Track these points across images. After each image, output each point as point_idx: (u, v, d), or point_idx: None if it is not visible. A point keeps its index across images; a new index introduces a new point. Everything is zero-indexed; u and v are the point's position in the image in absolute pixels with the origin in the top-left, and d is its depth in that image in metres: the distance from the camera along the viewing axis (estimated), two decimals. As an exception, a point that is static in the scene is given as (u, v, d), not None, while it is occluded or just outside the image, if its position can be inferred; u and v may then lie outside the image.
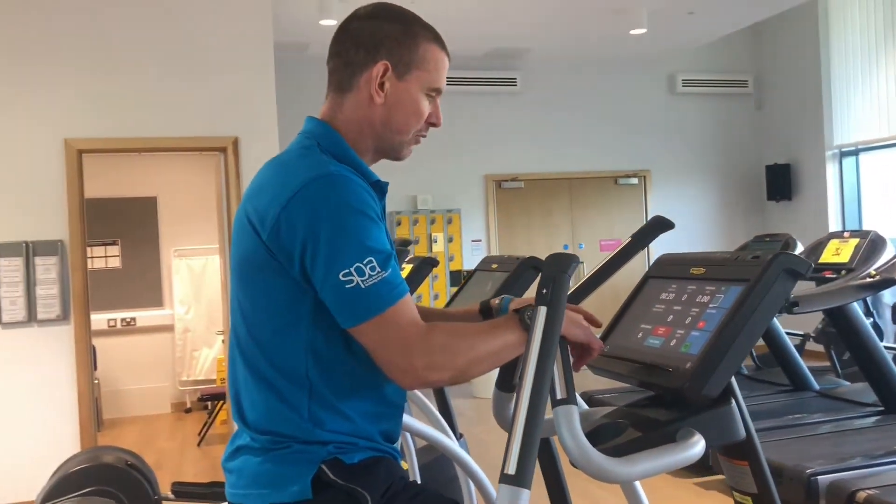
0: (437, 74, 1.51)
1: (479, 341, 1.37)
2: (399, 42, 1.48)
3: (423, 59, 1.49)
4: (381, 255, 1.32)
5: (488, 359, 1.38)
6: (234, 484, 1.44)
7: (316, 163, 1.39)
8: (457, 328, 1.39)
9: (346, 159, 1.45)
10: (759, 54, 9.22)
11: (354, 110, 1.49)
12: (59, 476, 3.68)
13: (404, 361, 1.31)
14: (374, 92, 1.47)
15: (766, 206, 9.12)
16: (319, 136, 1.48)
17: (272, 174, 1.44)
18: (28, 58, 5.00)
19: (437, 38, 1.53)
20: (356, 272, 1.30)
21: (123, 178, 7.60)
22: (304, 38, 7.19)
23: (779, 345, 5.37)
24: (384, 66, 1.47)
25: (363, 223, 1.33)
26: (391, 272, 1.33)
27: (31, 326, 4.94)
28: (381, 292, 1.31)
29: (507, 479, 1.07)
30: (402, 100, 1.48)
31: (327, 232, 1.31)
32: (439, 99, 1.55)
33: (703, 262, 1.55)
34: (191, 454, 6.14)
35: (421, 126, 1.53)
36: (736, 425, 1.41)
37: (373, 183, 1.47)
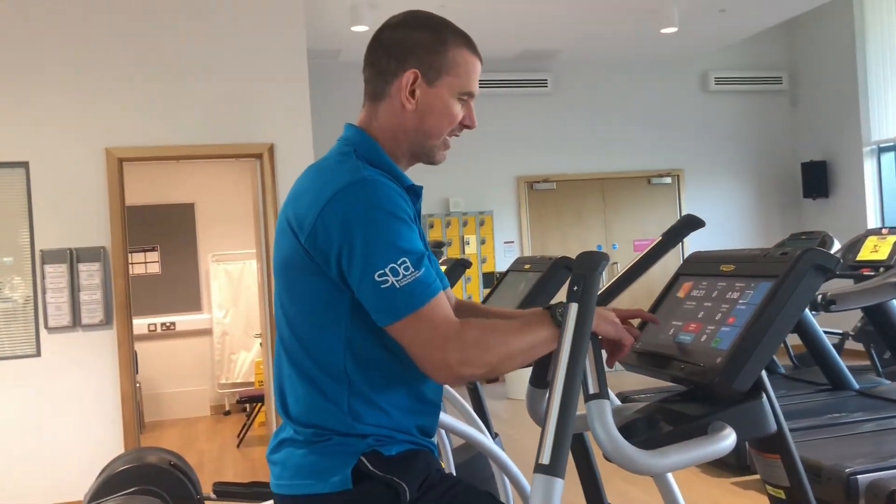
0: (468, 78, 1.54)
1: (511, 337, 1.41)
2: (428, 49, 1.51)
3: (453, 63, 1.52)
4: (414, 256, 1.37)
5: (520, 354, 1.42)
6: (279, 475, 1.50)
7: (351, 168, 1.44)
8: (490, 324, 1.43)
9: (381, 165, 1.50)
10: (793, 50, 9.12)
11: (388, 118, 1.54)
12: (105, 476, 3.78)
13: (439, 357, 1.36)
14: (405, 99, 1.52)
15: (803, 204, 9.02)
16: (356, 142, 1.53)
17: (311, 180, 1.50)
18: (70, 70, 5.14)
19: (468, 42, 1.55)
20: (391, 272, 1.35)
21: (162, 185, 7.75)
22: (336, 44, 7.29)
23: (817, 344, 5.32)
24: (413, 75, 1.51)
25: (396, 226, 1.38)
26: (424, 271, 1.37)
27: (75, 331, 5.07)
28: (415, 291, 1.35)
29: (542, 468, 1.10)
30: (433, 105, 1.52)
31: (362, 235, 1.36)
32: (473, 101, 1.57)
33: (732, 259, 1.57)
34: (230, 455, 6.25)
35: (454, 128, 1.57)
36: (767, 419, 1.43)
37: (407, 187, 1.52)
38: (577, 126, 8.63)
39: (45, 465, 4.96)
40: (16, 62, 5.06)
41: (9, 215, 5.06)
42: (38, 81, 5.09)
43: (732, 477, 4.54)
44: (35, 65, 5.09)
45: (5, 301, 5.06)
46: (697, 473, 4.68)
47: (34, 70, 5.09)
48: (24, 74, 5.07)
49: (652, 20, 7.17)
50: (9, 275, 5.08)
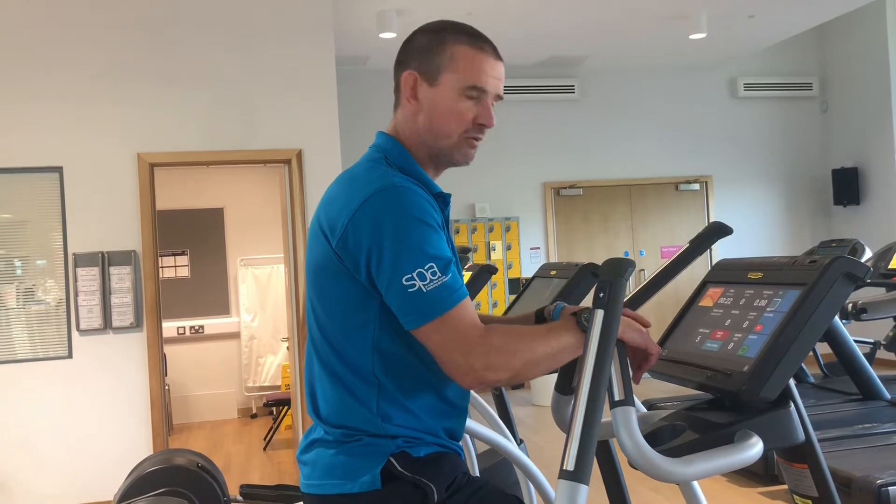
0: (470, 72, 1.51)
1: (536, 343, 1.41)
2: (427, 49, 1.53)
3: (451, 59, 1.51)
4: (441, 261, 1.39)
5: (545, 360, 1.42)
6: (309, 475, 1.53)
7: (381, 175, 1.47)
8: (514, 330, 1.44)
9: (410, 172, 1.53)
10: (823, 56, 9.02)
11: (405, 124, 1.57)
12: (134, 477, 3.83)
13: (464, 361, 1.37)
14: (408, 101, 1.55)
15: (833, 211, 8.91)
16: (387, 149, 1.56)
17: (342, 186, 1.52)
18: (104, 78, 5.23)
19: (473, 38, 1.54)
20: (418, 277, 1.37)
21: (192, 190, 7.85)
22: (364, 51, 7.34)
23: (847, 353, 5.25)
24: (412, 77, 1.54)
25: (424, 231, 1.40)
26: (451, 277, 1.39)
27: (106, 333, 5.14)
28: (442, 296, 1.37)
29: (566, 474, 1.11)
30: (437, 105, 1.53)
31: (390, 240, 1.39)
32: (491, 100, 1.55)
33: (760, 267, 1.56)
34: (257, 458, 6.29)
35: (468, 128, 1.54)
36: (794, 428, 1.42)
37: (435, 194, 1.54)
38: (604, 132, 8.60)
39: (75, 466, 5.03)
40: (51, 69, 5.16)
41: (43, 219, 5.15)
42: (73, 88, 5.18)
43: (760, 487, 4.49)
44: (69, 72, 5.18)
45: (38, 303, 5.16)
46: (724, 483, 4.63)
47: (69, 77, 5.18)
48: (58, 81, 5.16)
49: (680, 26, 7.14)
50: (42, 278, 5.17)
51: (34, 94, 5.13)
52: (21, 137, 5.10)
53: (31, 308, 5.14)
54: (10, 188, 5.15)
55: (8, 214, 5.19)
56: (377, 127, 1.66)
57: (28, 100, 5.12)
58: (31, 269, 5.18)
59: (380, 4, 6.29)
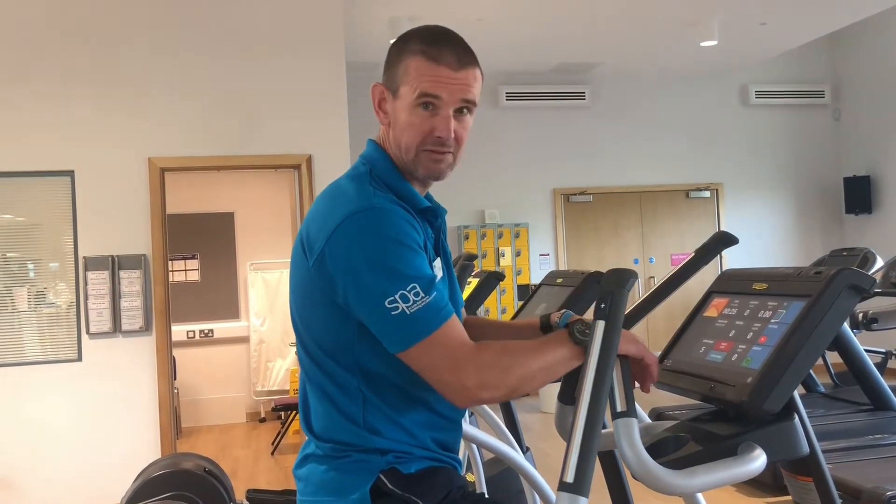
0: (420, 80, 1.45)
1: (529, 357, 1.38)
2: (390, 62, 1.52)
3: (405, 72, 1.48)
4: (423, 281, 1.35)
5: (540, 374, 1.39)
6: (303, 491, 1.52)
7: (361, 195, 1.43)
8: (506, 346, 1.41)
9: (395, 186, 1.49)
10: (835, 63, 8.98)
11: (384, 136, 1.56)
12: (141, 480, 3.85)
13: (456, 381, 1.34)
14: (379, 114, 1.55)
15: (845, 220, 8.86)
16: (374, 161, 1.53)
17: (325, 201, 1.49)
18: (115, 83, 5.26)
19: (430, 46, 1.46)
20: (401, 299, 1.33)
21: (202, 194, 7.88)
22: (375, 57, 7.35)
23: (858, 363, 5.20)
24: (379, 89, 1.54)
25: (402, 253, 1.37)
26: (435, 296, 1.36)
27: (115, 337, 5.17)
28: (426, 316, 1.34)
29: (566, 486, 1.10)
30: (397, 117, 1.50)
31: (369, 263, 1.36)
32: (450, 109, 1.47)
33: (765, 278, 1.55)
34: (264, 462, 6.30)
35: (425, 140, 1.48)
36: (799, 440, 1.41)
37: (422, 209, 1.50)
38: (614, 138, 8.58)
39: (84, 468, 5.05)
40: (62, 75, 5.20)
41: (54, 222, 5.19)
42: (84, 94, 5.22)
43: (768, 497, 4.46)
44: (81, 78, 5.22)
45: (49, 306, 5.19)
46: (732, 492, 4.60)
47: (80, 83, 5.22)
48: (70, 87, 5.20)
49: (691, 33, 7.12)
50: (53, 280, 5.21)
51: (47, 98, 5.17)
52: (34, 141, 5.14)
53: (42, 311, 5.17)
54: (23, 192, 5.19)
55: (21, 217, 5.23)
56: (376, 136, 1.65)
57: (40, 104, 5.16)
58: (43, 272, 5.22)
59: (391, 11, 6.31)
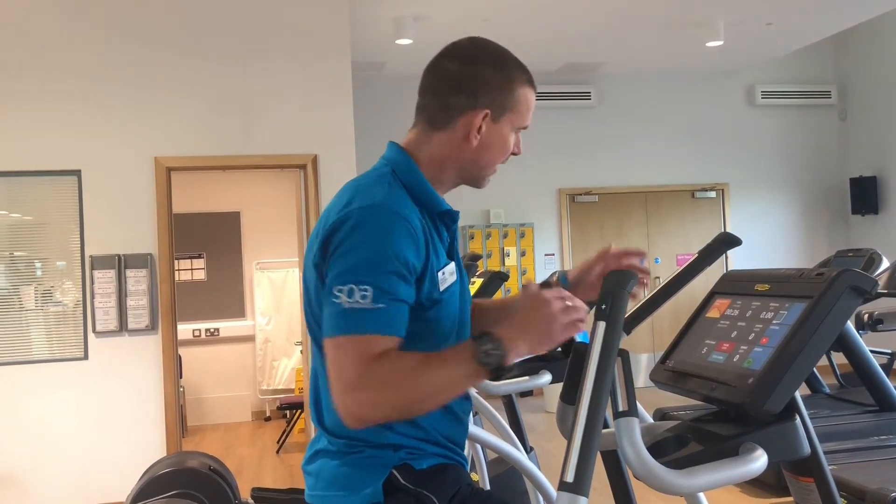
0: (528, 114, 1.59)
1: (424, 378, 1.36)
2: (499, 88, 1.54)
3: (516, 101, 1.56)
4: (379, 291, 1.34)
5: (429, 399, 1.38)
6: (313, 486, 1.52)
7: (377, 192, 1.45)
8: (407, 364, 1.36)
9: (417, 187, 1.51)
10: (842, 64, 8.96)
11: (443, 147, 1.55)
12: (147, 478, 3.87)
13: (343, 391, 1.35)
14: (473, 136, 1.53)
15: (851, 221, 8.84)
16: (397, 163, 1.54)
17: (343, 195, 1.51)
18: (122, 83, 5.29)
19: (530, 78, 1.59)
20: (346, 293, 1.35)
21: (209, 194, 7.90)
22: (380, 57, 7.37)
23: (863, 363, 5.20)
24: (484, 113, 1.53)
25: (382, 261, 1.37)
26: (382, 309, 1.35)
27: (122, 335, 5.19)
28: (359, 318, 1.34)
29: (565, 486, 1.11)
30: (494, 141, 1.56)
31: (350, 251, 1.37)
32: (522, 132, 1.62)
33: (767, 279, 1.56)
34: (269, 461, 6.32)
35: (505, 158, 1.62)
36: (800, 441, 1.41)
37: (441, 212, 1.53)
38: (620, 139, 8.58)
39: (90, 466, 5.08)
40: (70, 74, 5.23)
41: (61, 221, 5.22)
42: (91, 94, 5.25)
43: (771, 497, 4.46)
44: (88, 78, 5.25)
45: (56, 305, 5.21)
46: (736, 493, 4.60)
47: (87, 83, 5.24)
48: (77, 87, 5.23)
49: (697, 33, 7.12)
50: (60, 279, 5.23)
51: (53, 98, 5.20)
52: (41, 141, 5.17)
53: (48, 309, 5.20)
54: (31, 191, 5.21)
55: (28, 217, 5.25)
56: (393, 133, 1.66)
57: (47, 104, 5.19)
58: (50, 271, 5.24)
59: (397, 10, 6.32)
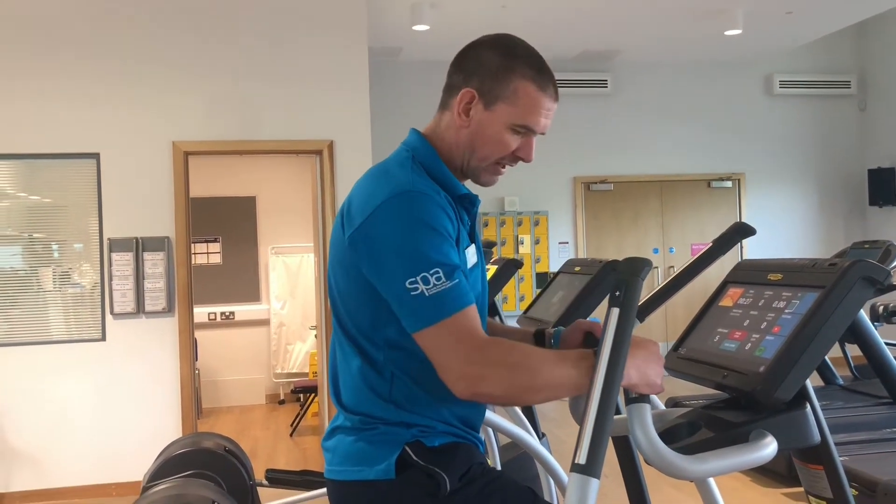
0: (526, 112, 1.52)
1: (540, 368, 1.37)
2: (493, 72, 1.52)
3: (513, 93, 1.52)
4: (447, 267, 1.39)
5: (545, 389, 1.38)
6: (331, 461, 1.58)
7: (403, 179, 1.48)
8: (521, 348, 1.42)
9: (436, 172, 1.55)
10: (862, 53, 8.88)
11: (447, 129, 1.58)
12: (163, 458, 3.92)
13: (458, 367, 1.37)
14: (457, 115, 1.56)
15: (868, 212, 8.78)
16: (416, 148, 1.58)
17: (369, 181, 1.54)
18: (140, 68, 5.32)
19: (541, 78, 1.53)
20: (422, 281, 1.38)
21: (225, 178, 7.95)
22: (397, 43, 7.37)
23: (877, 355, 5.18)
24: (470, 94, 1.54)
25: (431, 237, 1.41)
26: (456, 284, 1.39)
27: (139, 318, 5.25)
28: (445, 300, 1.38)
29: (578, 468, 1.13)
30: (484, 129, 1.54)
31: (398, 243, 1.41)
32: (534, 138, 1.57)
33: (780, 269, 1.57)
34: (283, 444, 6.38)
35: (504, 158, 1.57)
36: (810, 429, 1.43)
37: (460, 196, 1.56)
38: (636, 127, 8.55)
39: (107, 446, 5.15)
40: (88, 59, 5.26)
41: (80, 204, 5.27)
42: (110, 78, 5.28)
43: (783, 487, 4.47)
44: (107, 62, 5.28)
45: (74, 286, 5.28)
46: (747, 482, 4.62)
47: (107, 68, 5.28)
48: (97, 72, 5.27)
49: (716, 22, 7.07)
50: (78, 261, 5.29)
51: (73, 82, 5.24)
52: (60, 124, 5.22)
53: (67, 291, 5.26)
54: (50, 173, 5.27)
55: (47, 199, 5.31)
56: (409, 119, 1.68)
57: (67, 88, 5.23)
58: (68, 253, 5.30)
59: (413, -3, 6.31)
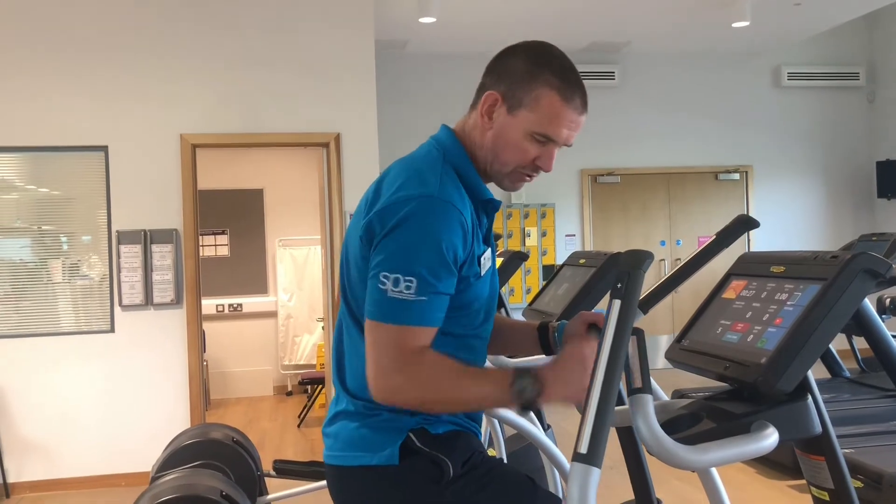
0: (547, 121, 1.51)
1: (462, 389, 1.45)
2: (519, 78, 1.52)
3: (535, 101, 1.51)
4: (425, 284, 1.41)
5: (458, 405, 1.50)
6: (332, 447, 1.59)
7: (432, 180, 1.49)
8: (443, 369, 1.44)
9: (465, 174, 1.56)
10: (871, 45, 8.83)
11: (473, 129, 1.59)
12: (172, 449, 3.96)
13: (379, 372, 1.43)
14: (480, 116, 1.56)
15: (877, 204, 8.75)
16: (448, 148, 1.58)
17: (396, 173, 1.55)
18: (148, 61, 5.34)
19: (565, 84, 1.51)
20: (392, 281, 1.41)
21: (233, 170, 7.98)
22: (403, 35, 7.36)
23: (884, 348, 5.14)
24: (493, 97, 1.54)
25: (431, 255, 1.42)
26: (423, 301, 1.41)
27: (147, 309, 5.28)
28: (400, 308, 1.41)
29: (580, 457, 1.15)
30: (505, 133, 1.54)
31: (401, 238, 1.42)
32: (557, 147, 1.56)
33: (783, 261, 1.57)
34: (291, 435, 6.42)
35: (525, 165, 1.56)
36: (811, 420, 1.44)
37: (484, 201, 1.57)
38: (643, 119, 8.53)
39: (115, 437, 5.20)
40: (98, 53, 5.29)
41: (88, 196, 5.30)
42: (118, 72, 5.31)
43: (789, 479, 4.48)
44: (115, 56, 5.31)
45: (83, 278, 5.31)
46: (753, 474, 4.63)
47: (115, 61, 5.30)
48: (105, 65, 5.29)
49: (723, 13, 7.04)
50: (87, 253, 5.33)
51: (82, 75, 5.26)
52: (68, 117, 5.24)
53: (76, 283, 5.30)
54: (58, 166, 5.30)
55: (56, 192, 5.34)
56: (415, 111, 1.69)
57: (75, 80, 5.26)
58: (77, 245, 5.34)
59: (420, -11, 6.31)
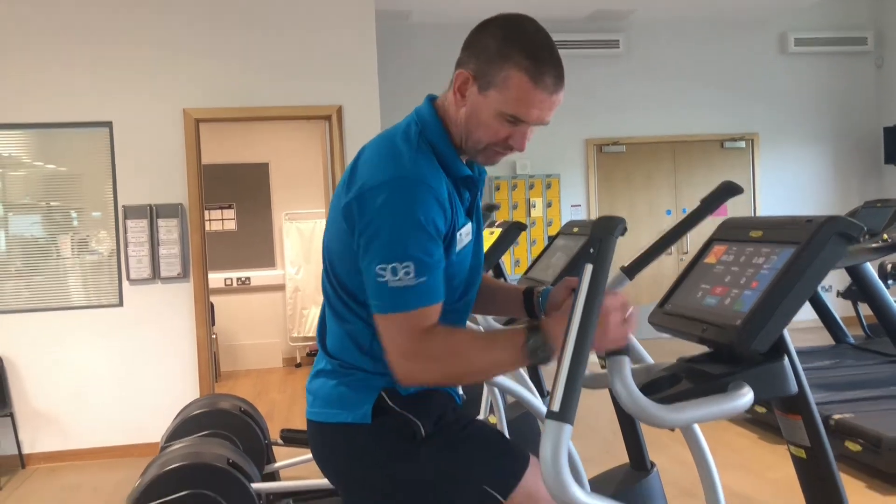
0: (516, 103, 1.51)
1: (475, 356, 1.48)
2: (488, 58, 1.51)
3: (504, 82, 1.50)
4: (420, 264, 1.44)
5: (478, 374, 1.56)
6: (312, 403, 1.68)
7: (408, 161, 1.51)
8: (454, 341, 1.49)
9: (441, 151, 1.58)
10: (879, 10, 8.73)
11: (451, 107, 1.61)
12: (180, 419, 4.05)
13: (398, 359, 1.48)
14: (454, 93, 1.58)
15: (884, 170, 8.71)
16: (427, 123, 1.60)
17: (375, 152, 1.57)
18: (151, 36, 5.36)
19: (536, 64, 1.49)
20: (391, 271, 1.44)
21: (238, 145, 8.01)
22: (406, 5, 7.33)
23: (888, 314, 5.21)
24: (464, 76, 1.55)
25: (417, 232, 1.45)
26: (423, 282, 1.45)
27: (154, 283, 5.36)
28: (403, 296, 1.45)
29: (552, 414, 1.20)
30: (476, 112, 1.55)
31: (384, 227, 1.45)
32: (530, 129, 1.56)
33: (761, 226, 1.61)
34: (299, 406, 6.51)
35: (497, 143, 1.57)
36: (787, 380, 1.48)
37: (462, 177, 1.60)
38: (648, 88, 8.49)
39: (126, 408, 5.30)
40: (101, 29, 5.31)
41: (95, 172, 5.35)
42: (122, 47, 5.33)
43: (789, 444, 4.53)
44: (118, 31, 5.33)
45: (92, 253, 5.39)
46: (755, 439, 4.68)
47: (118, 36, 5.32)
48: (108, 40, 5.31)
49: (728, -21, 6.98)
50: (95, 229, 5.39)
51: (86, 52, 5.29)
52: (73, 94, 5.28)
53: (84, 258, 5.37)
54: (64, 142, 5.35)
55: (63, 168, 5.40)
56: (418, 83, 1.72)
57: (80, 58, 5.28)
58: (86, 221, 5.40)
59: (421, -41, 6.28)
